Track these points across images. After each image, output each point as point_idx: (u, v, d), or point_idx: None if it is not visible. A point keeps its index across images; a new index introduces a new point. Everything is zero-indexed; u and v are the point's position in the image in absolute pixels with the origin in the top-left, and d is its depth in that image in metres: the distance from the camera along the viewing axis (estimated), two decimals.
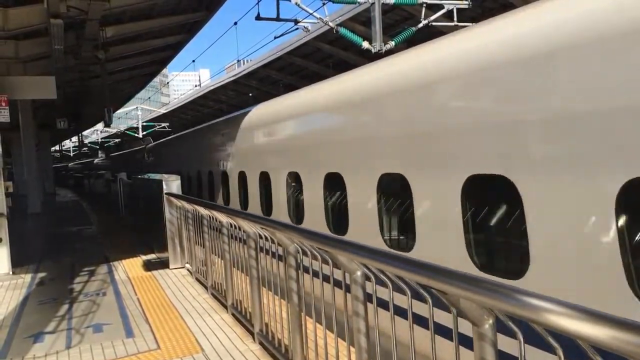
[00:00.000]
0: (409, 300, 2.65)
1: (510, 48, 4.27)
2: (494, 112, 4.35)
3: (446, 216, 4.81)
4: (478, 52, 4.64)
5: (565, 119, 3.70)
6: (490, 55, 4.45)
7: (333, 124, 7.30)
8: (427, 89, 5.19)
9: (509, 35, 4.41)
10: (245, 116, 10.69)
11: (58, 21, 10.42)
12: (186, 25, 15.93)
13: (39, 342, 5.64)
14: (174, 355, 5.04)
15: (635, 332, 1.38)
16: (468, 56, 4.75)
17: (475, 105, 4.60)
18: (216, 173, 12.27)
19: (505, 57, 4.28)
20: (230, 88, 34.43)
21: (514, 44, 4.25)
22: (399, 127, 5.63)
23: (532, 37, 4.10)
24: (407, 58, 6.00)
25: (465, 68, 4.72)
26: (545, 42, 3.93)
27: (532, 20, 4.27)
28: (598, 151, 3.49)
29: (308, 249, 3.77)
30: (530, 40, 4.09)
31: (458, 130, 4.71)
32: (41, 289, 8.33)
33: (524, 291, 1.78)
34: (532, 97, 3.98)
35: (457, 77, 4.82)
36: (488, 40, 4.62)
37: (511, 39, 4.33)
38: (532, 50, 4.02)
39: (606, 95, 3.46)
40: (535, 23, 4.19)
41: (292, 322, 4.16)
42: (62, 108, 23.53)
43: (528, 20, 4.35)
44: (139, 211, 12.98)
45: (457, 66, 4.84)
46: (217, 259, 6.65)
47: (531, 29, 4.18)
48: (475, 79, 4.58)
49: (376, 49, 11.72)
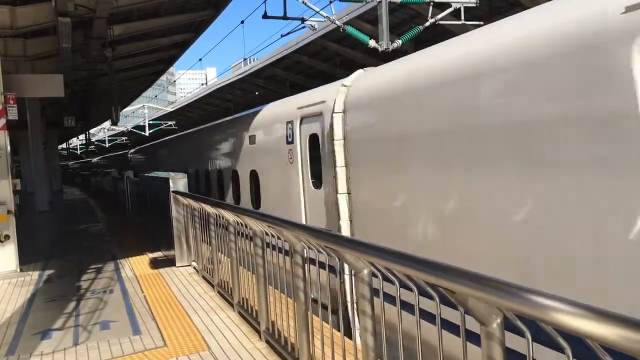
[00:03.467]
0: (416, 299, 2.64)
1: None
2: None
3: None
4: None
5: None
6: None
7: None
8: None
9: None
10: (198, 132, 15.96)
11: (66, 19, 10.47)
12: (193, 23, 15.97)
13: (47, 339, 5.67)
14: (180, 352, 5.05)
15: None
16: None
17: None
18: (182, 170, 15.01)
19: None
20: (236, 86, 34.47)
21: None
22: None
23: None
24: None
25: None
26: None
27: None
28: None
29: (315, 248, 3.77)
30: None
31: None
32: (48, 286, 8.37)
33: (532, 290, 1.77)
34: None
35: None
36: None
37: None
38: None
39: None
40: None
41: (298, 321, 4.16)
42: (69, 106, 23.64)
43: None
44: (146, 209, 13.03)
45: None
46: (224, 257, 6.66)
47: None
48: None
49: (383, 47, 11.70)
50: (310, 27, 13.69)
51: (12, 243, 9.47)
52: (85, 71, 17.50)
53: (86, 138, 54.83)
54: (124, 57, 17.36)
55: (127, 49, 16.38)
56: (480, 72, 4.70)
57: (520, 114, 4.21)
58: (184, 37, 17.19)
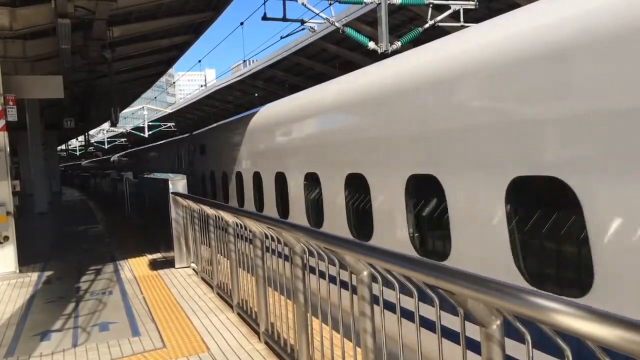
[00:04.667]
0: (415, 301, 2.64)
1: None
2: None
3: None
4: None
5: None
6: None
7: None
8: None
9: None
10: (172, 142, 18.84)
11: (65, 21, 10.47)
12: (192, 25, 15.97)
13: (46, 340, 5.67)
14: (179, 354, 5.05)
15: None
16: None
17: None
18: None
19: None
20: (236, 88, 34.49)
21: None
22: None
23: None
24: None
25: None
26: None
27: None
28: None
29: (314, 249, 3.77)
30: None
31: None
32: (48, 287, 8.36)
33: (532, 291, 1.77)
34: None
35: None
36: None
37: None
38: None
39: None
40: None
41: (298, 322, 4.16)
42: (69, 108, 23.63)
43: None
44: (145, 210, 13.04)
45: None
46: (223, 258, 6.66)
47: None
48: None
49: (382, 49, 11.71)
50: (310, 28, 13.71)
51: (11, 244, 9.46)
52: (85, 72, 17.49)
53: (85, 139, 54.83)
54: (124, 59, 17.35)
55: (126, 50, 16.38)
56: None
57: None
58: (183, 38, 17.19)
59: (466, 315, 2.15)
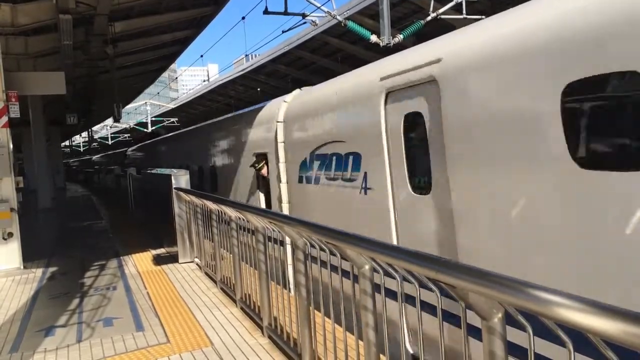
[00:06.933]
0: (417, 294, 2.64)
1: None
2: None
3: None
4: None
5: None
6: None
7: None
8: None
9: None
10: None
11: (67, 17, 10.47)
12: (194, 20, 15.95)
13: (50, 336, 5.69)
14: (183, 349, 5.06)
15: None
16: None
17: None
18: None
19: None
20: (238, 83, 34.47)
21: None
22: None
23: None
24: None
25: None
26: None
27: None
28: None
29: (316, 243, 3.77)
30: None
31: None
32: (52, 283, 8.39)
33: (533, 284, 1.76)
34: None
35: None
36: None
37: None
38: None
39: None
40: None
41: (300, 316, 4.16)
42: (72, 104, 23.65)
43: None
44: (149, 206, 13.06)
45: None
46: (226, 253, 6.67)
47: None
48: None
49: (385, 42, 11.67)
50: (312, 22, 13.66)
51: (15, 240, 9.49)
52: (87, 68, 17.51)
53: (89, 135, 54.92)
54: (126, 54, 17.36)
55: (128, 45, 16.38)
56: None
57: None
58: (185, 33, 17.17)
59: (468, 306, 2.14)
